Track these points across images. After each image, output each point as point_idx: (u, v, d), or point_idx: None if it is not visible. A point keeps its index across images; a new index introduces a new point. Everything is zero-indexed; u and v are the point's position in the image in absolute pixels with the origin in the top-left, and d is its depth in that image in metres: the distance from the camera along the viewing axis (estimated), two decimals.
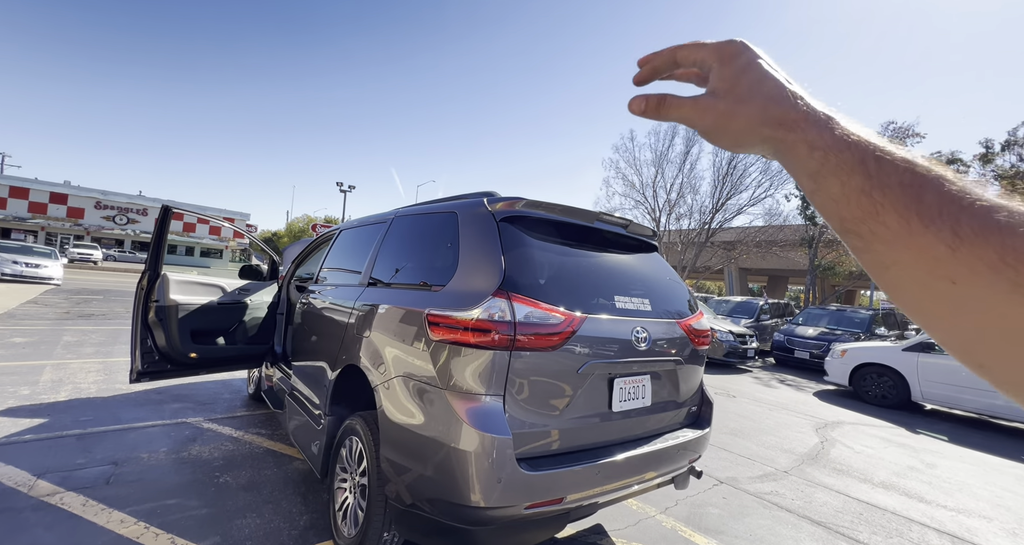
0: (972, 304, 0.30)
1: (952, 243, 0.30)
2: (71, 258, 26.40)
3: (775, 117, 0.38)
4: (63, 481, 2.63)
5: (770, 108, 0.38)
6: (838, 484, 3.74)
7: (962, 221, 0.30)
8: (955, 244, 0.30)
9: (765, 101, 0.39)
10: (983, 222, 0.30)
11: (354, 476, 2.19)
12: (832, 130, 0.36)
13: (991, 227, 0.29)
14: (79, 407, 3.86)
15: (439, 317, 1.79)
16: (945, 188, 0.32)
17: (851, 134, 0.36)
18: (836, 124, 0.37)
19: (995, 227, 0.29)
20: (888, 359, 7.37)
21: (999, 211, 0.30)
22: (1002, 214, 0.30)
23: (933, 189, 0.32)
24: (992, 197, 0.31)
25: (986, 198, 0.31)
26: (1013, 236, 0.29)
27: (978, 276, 0.29)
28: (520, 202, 2.02)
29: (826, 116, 0.37)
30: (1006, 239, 0.29)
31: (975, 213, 0.30)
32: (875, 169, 0.34)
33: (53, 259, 14.38)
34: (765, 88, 0.39)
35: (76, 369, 5.02)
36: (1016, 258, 0.28)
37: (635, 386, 2.07)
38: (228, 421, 3.90)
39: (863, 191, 0.34)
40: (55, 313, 8.73)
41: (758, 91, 0.39)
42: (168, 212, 3.31)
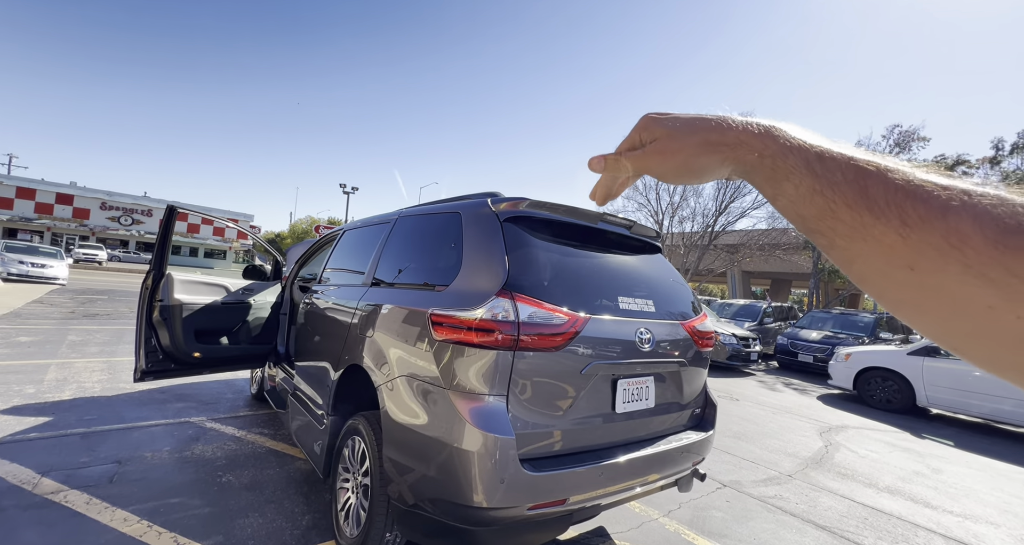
0: (932, 289, 0.31)
1: (902, 231, 0.31)
2: (76, 258, 26.58)
3: (716, 141, 0.42)
4: (67, 479, 2.64)
5: (708, 135, 0.42)
6: (843, 488, 3.71)
7: (907, 208, 0.31)
8: (904, 232, 0.31)
9: (701, 133, 0.43)
10: (927, 206, 0.30)
11: (357, 476, 2.18)
12: (775, 138, 0.39)
13: (934, 210, 0.30)
14: (83, 406, 3.88)
15: (443, 317, 1.79)
16: (889, 178, 0.33)
17: (792, 139, 0.39)
18: (777, 132, 0.40)
19: (938, 210, 0.30)
20: (893, 363, 7.32)
21: (941, 194, 0.31)
22: (943, 196, 0.30)
23: (876, 181, 0.33)
24: (935, 180, 0.32)
25: (929, 182, 0.32)
26: (956, 218, 0.29)
27: (930, 261, 0.30)
28: (524, 202, 2.02)
29: (764, 128, 0.40)
30: (949, 221, 0.29)
31: (919, 199, 0.31)
32: (820, 169, 0.36)
33: (59, 259, 14.49)
34: (695, 125, 0.44)
35: (80, 368, 5.05)
36: (959, 239, 0.29)
37: (638, 387, 2.06)
38: (231, 421, 3.91)
39: (815, 190, 0.36)
40: (60, 313, 8.79)
41: (690, 128, 0.44)
42: (173, 212, 3.33)
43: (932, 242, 0.30)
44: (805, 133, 0.39)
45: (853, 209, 0.34)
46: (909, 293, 0.32)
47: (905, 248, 0.31)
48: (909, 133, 19.19)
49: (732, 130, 0.41)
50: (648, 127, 0.46)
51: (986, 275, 0.28)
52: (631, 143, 0.48)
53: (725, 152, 0.41)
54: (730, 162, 0.42)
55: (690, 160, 0.43)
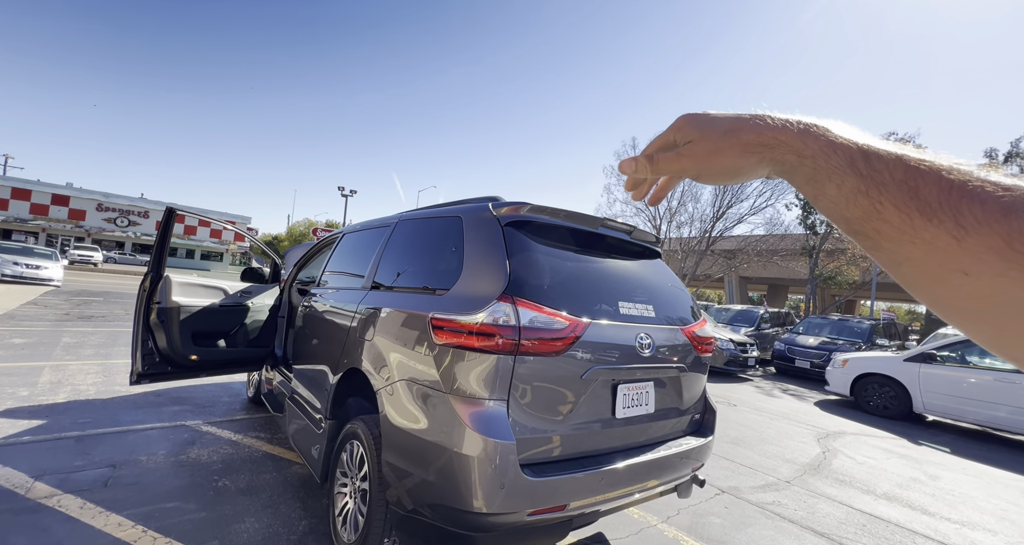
0: (989, 295, 0.29)
1: (957, 234, 0.29)
2: (71, 260, 26.42)
3: (753, 141, 0.40)
4: (61, 483, 2.61)
5: (744, 135, 0.41)
6: (841, 495, 3.71)
7: (963, 210, 0.29)
8: (960, 234, 0.29)
9: (737, 132, 0.41)
10: (986, 208, 0.28)
11: (355, 481, 2.17)
12: (816, 137, 0.37)
13: (994, 212, 0.28)
14: (78, 409, 3.84)
15: (443, 321, 1.79)
16: (942, 178, 0.31)
17: (836, 137, 0.37)
18: (819, 130, 0.38)
19: (999, 212, 0.28)
20: (889, 369, 7.34)
21: (1002, 194, 0.28)
22: (1005, 197, 0.28)
23: (929, 181, 0.31)
24: (995, 179, 0.30)
25: (988, 181, 0.30)
26: (1019, 220, 0.27)
27: (989, 265, 0.28)
28: (525, 207, 2.03)
29: (804, 125, 0.39)
30: (1012, 223, 0.27)
31: (976, 200, 0.29)
32: (866, 168, 0.34)
33: (53, 260, 14.39)
34: (730, 125, 0.42)
35: (75, 370, 5.01)
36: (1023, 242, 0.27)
37: (638, 393, 2.06)
38: (227, 424, 3.88)
39: (859, 191, 0.34)
40: (55, 314, 8.72)
41: (726, 128, 0.42)
42: (172, 214, 3.32)
43: (992, 245, 0.28)
44: (850, 130, 0.38)
45: (902, 211, 0.32)
46: (964, 299, 0.30)
47: (960, 252, 0.29)
48: (905, 141, 19.30)
49: (769, 129, 0.40)
50: (683, 128, 0.45)
51: None
52: (664, 143, 0.47)
53: (763, 152, 0.40)
54: (767, 162, 0.41)
55: (726, 161, 0.42)
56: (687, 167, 0.45)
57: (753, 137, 0.40)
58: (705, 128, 0.43)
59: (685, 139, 0.45)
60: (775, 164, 0.40)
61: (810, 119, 0.39)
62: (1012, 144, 17.10)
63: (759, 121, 0.41)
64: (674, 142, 0.46)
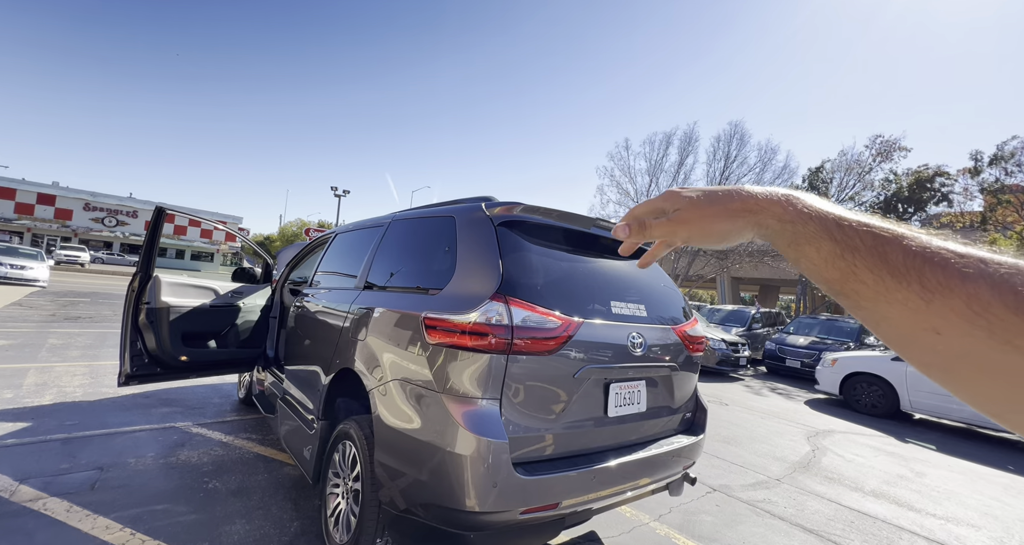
0: (959, 353, 0.31)
1: (924, 296, 0.32)
2: (58, 260, 25.96)
3: (738, 208, 0.45)
4: (46, 486, 2.57)
5: (731, 203, 0.46)
6: (830, 492, 3.76)
7: (926, 274, 0.32)
8: (927, 296, 0.32)
9: (722, 201, 0.47)
10: (946, 273, 0.31)
11: (347, 481, 2.16)
12: (795, 205, 0.42)
13: (953, 277, 0.31)
14: (64, 411, 3.78)
15: (436, 320, 1.79)
16: (905, 245, 0.34)
17: (811, 207, 0.42)
18: (796, 200, 0.43)
19: (957, 277, 0.31)
20: (877, 368, 7.45)
21: (957, 261, 0.31)
22: (959, 263, 0.31)
23: (895, 247, 0.34)
24: (951, 247, 0.33)
25: (945, 249, 0.33)
26: (975, 284, 0.30)
27: (955, 326, 0.30)
28: (518, 207, 2.04)
29: (783, 195, 0.44)
30: (968, 287, 0.30)
31: (937, 265, 0.32)
32: (840, 235, 0.38)
33: (39, 261, 14.14)
34: (715, 194, 0.48)
35: (61, 372, 4.92)
36: (981, 306, 0.29)
37: (630, 391, 2.08)
38: (218, 426, 3.84)
39: (836, 255, 0.38)
40: (40, 315, 8.57)
41: (711, 198, 0.48)
42: (162, 213, 3.28)
43: (955, 308, 0.30)
44: (822, 202, 0.42)
45: (875, 273, 0.35)
46: (937, 357, 0.32)
47: (929, 313, 0.32)
48: (891, 143, 19.69)
49: (752, 198, 0.45)
50: (672, 198, 0.50)
51: (1011, 341, 0.28)
52: (653, 208, 0.51)
53: (747, 217, 0.45)
54: (752, 226, 0.45)
55: (714, 226, 0.47)
56: (677, 231, 0.49)
57: (738, 204, 0.45)
58: (696, 198, 0.48)
59: (674, 207, 0.50)
60: (759, 228, 0.45)
61: (787, 191, 0.45)
62: (998, 147, 17.44)
63: (742, 191, 0.46)
64: (663, 210, 0.51)
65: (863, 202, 20.57)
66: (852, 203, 20.90)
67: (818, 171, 21.10)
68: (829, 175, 21.09)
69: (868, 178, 20.27)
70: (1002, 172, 17.38)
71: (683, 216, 0.48)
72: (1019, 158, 16.97)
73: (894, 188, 19.46)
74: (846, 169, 20.71)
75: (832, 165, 21.10)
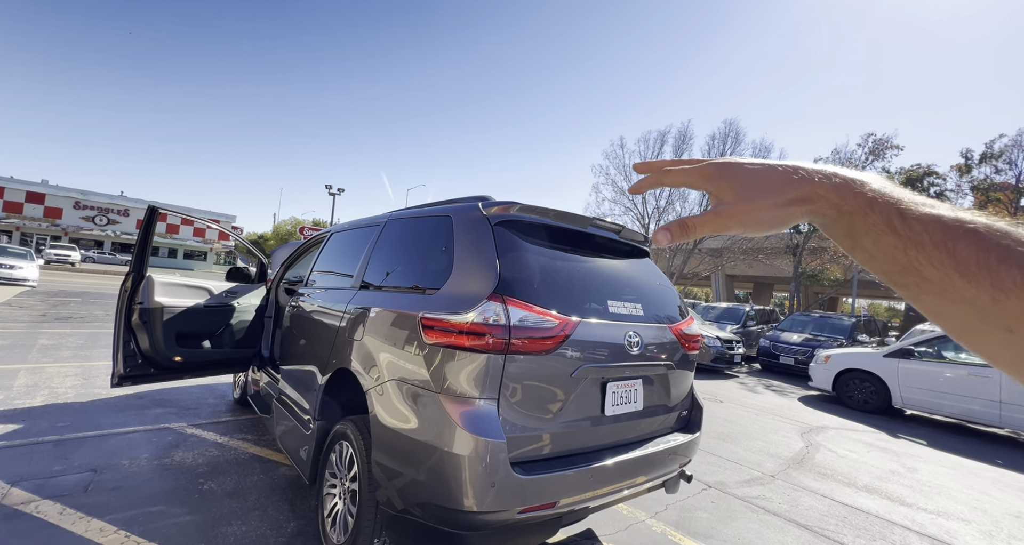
0: None
1: (994, 295, 0.30)
2: (48, 259, 25.61)
3: (795, 197, 0.40)
4: (39, 489, 2.54)
5: (784, 194, 0.40)
6: (823, 488, 3.80)
7: (1001, 274, 0.30)
8: (997, 296, 0.29)
9: (776, 192, 0.41)
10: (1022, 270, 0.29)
11: (344, 481, 2.16)
12: (854, 193, 0.38)
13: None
14: (56, 412, 3.74)
15: (433, 320, 1.78)
16: (980, 239, 0.31)
17: (873, 193, 0.37)
18: (857, 186, 0.38)
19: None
20: (870, 365, 7.54)
21: None
22: None
23: (966, 242, 0.31)
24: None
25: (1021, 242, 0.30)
26: None
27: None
28: (515, 206, 2.04)
29: (842, 179, 0.39)
30: None
31: (1014, 264, 0.29)
32: (903, 228, 0.34)
33: (28, 260, 13.94)
34: (768, 182, 0.41)
35: (53, 373, 4.87)
36: None
37: (627, 390, 2.08)
38: (213, 426, 3.82)
39: (897, 249, 0.34)
40: (30, 316, 8.46)
41: (763, 188, 0.41)
42: (155, 212, 3.25)
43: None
44: (887, 185, 0.38)
45: (940, 270, 0.32)
46: (1008, 351, 0.31)
47: (1000, 312, 0.30)
48: (883, 141, 19.86)
49: (808, 184, 0.40)
50: (715, 181, 0.44)
51: None
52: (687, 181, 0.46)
53: (803, 206, 0.40)
54: (806, 215, 0.41)
55: (767, 217, 0.42)
56: (729, 226, 0.44)
57: (793, 194, 0.40)
58: (742, 187, 0.42)
59: (719, 194, 0.44)
60: (814, 216, 0.40)
61: (847, 173, 0.40)
62: (987, 145, 17.65)
63: (796, 177, 0.40)
64: (696, 185, 0.46)
65: None
66: None
67: None
68: None
69: None
70: (992, 170, 17.60)
71: (733, 211, 0.42)
72: (1008, 156, 17.19)
73: None
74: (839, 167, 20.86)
75: (824, 163, 21.27)
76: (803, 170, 0.41)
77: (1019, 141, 17.04)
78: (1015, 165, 17.16)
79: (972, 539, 3.16)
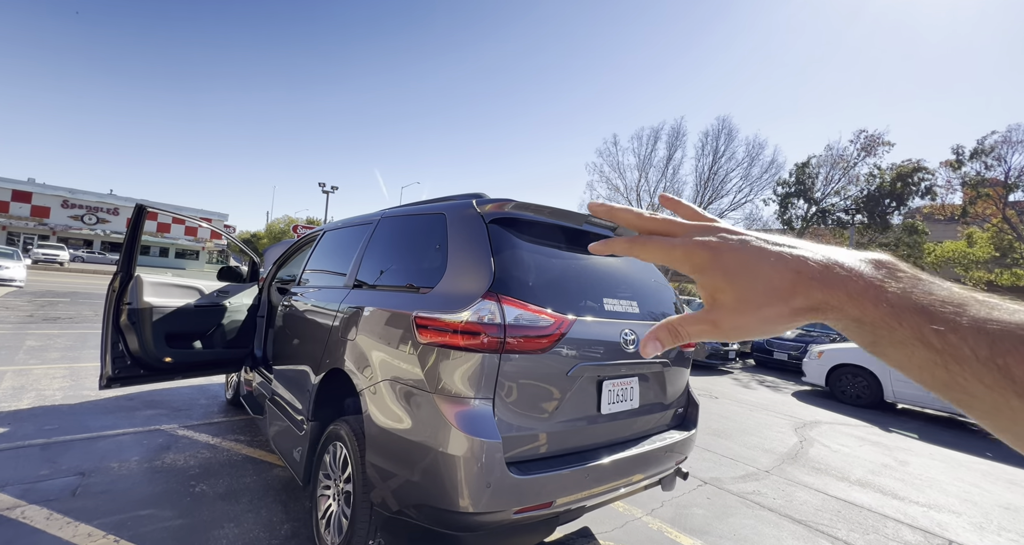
0: None
1: None
2: (35, 259, 25.20)
3: (801, 307, 0.33)
4: (25, 494, 2.49)
5: (792, 299, 0.33)
6: (817, 483, 3.83)
7: None
8: None
9: (782, 295, 0.33)
10: None
11: (338, 483, 2.13)
12: (872, 302, 0.30)
13: None
14: (43, 415, 3.67)
15: (427, 320, 1.76)
16: None
17: (902, 300, 0.30)
18: (880, 291, 0.30)
19: None
20: (862, 360, 7.61)
21: None
22: None
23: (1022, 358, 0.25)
24: None
25: None
26: None
27: None
28: (509, 204, 2.01)
29: (864, 283, 0.31)
30: None
31: None
32: (940, 343, 0.28)
33: (15, 260, 13.69)
34: (771, 282, 0.33)
35: (40, 375, 4.78)
36: None
37: (623, 388, 2.07)
38: (205, 428, 3.77)
39: (935, 363, 0.28)
40: (17, 316, 8.32)
41: (766, 287, 0.33)
42: (142, 211, 3.19)
43: None
44: (914, 282, 0.31)
45: (992, 389, 0.26)
46: None
47: None
48: (875, 137, 20.00)
49: (818, 290, 0.32)
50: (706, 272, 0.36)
51: None
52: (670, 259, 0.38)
53: (814, 316, 0.33)
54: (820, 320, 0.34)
55: (769, 329, 0.34)
56: (728, 337, 0.36)
57: (802, 303, 0.32)
58: (741, 288, 0.34)
59: (712, 292, 0.36)
60: (829, 321, 0.34)
61: (865, 270, 0.32)
62: (978, 141, 17.84)
63: (805, 276, 0.32)
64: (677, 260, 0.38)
65: (848, 196, 20.90)
66: (838, 197, 21.21)
67: (804, 166, 21.37)
68: (815, 170, 21.38)
69: (853, 173, 20.60)
70: (982, 166, 17.80)
71: (732, 322, 0.35)
72: (998, 152, 17.39)
73: (878, 182, 19.80)
74: (832, 164, 21.02)
75: (818, 160, 21.40)
76: (811, 265, 0.33)
77: (1009, 138, 17.25)
78: (1004, 161, 17.37)
79: (963, 531, 3.20)
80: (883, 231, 19.76)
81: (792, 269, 0.33)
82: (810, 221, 21.12)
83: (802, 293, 0.32)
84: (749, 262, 0.34)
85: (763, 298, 0.33)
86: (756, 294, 0.34)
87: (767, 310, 0.33)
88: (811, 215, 21.14)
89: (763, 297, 0.33)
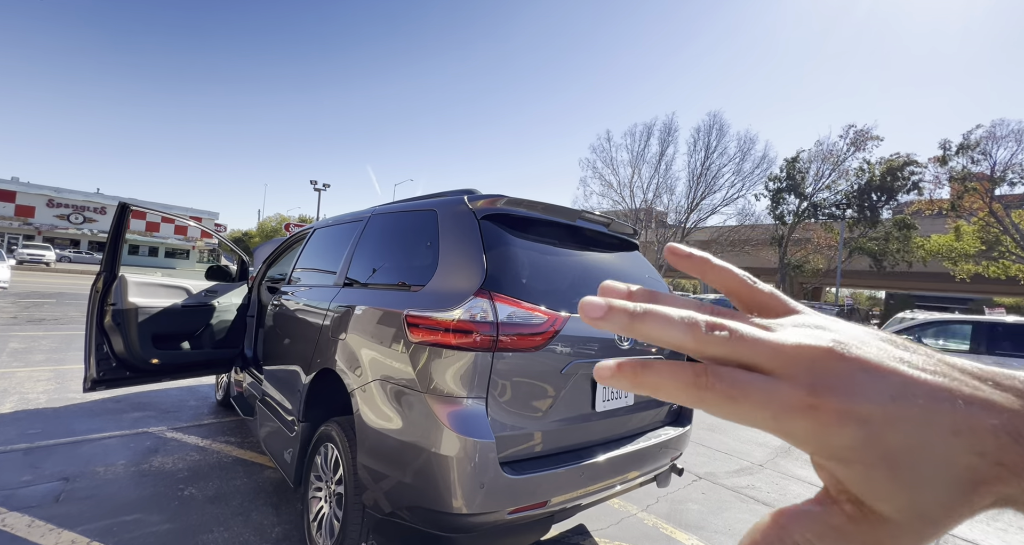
0: None
1: None
2: (20, 259, 24.73)
3: (990, 504, 0.20)
4: (6, 501, 2.43)
5: (978, 496, 0.20)
6: (810, 476, 3.85)
7: None
8: None
9: (963, 489, 0.20)
10: None
11: (330, 484, 2.10)
12: None
13: None
14: (26, 419, 3.59)
15: (419, 318, 1.72)
16: None
17: None
18: None
19: None
20: None
21: None
22: None
23: None
24: None
25: None
26: None
27: None
28: (501, 200, 1.98)
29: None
30: None
31: None
32: None
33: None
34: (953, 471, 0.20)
35: (23, 378, 4.68)
36: None
37: None
38: (194, 430, 3.71)
39: None
40: (1, 318, 8.14)
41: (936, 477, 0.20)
42: (126, 210, 3.11)
43: None
44: None
45: None
46: None
47: None
48: (863, 132, 20.17)
49: (1016, 479, 0.20)
50: (851, 459, 0.20)
51: None
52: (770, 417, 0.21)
53: (998, 507, 0.21)
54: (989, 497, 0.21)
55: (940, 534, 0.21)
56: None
57: (990, 500, 0.20)
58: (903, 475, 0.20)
59: (850, 477, 0.21)
60: (1000, 498, 0.21)
61: None
62: (964, 136, 18.06)
63: (990, 455, 0.19)
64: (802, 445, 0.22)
65: (839, 191, 21.09)
66: (828, 192, 21.39)
67: (795, 161, 21.54)
68: (805, 165, 21.55)
69: (843, 167, 20.80)
70: (969, 160, 18.03)
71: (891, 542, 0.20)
72: (984, 147, 17.63)
73: (867, 177, 20.01)
74: (822, 159, 21.20)
75: (808, 155, 21.57)
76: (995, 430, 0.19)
77: (993, 132, 17.49)
78: (990, 155, 17.62)
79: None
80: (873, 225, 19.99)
81: (969, 446, 0.19)
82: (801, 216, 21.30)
83: (989, 484, 0.19)
84: (916, 435, 0.19)
85: (936, 496, 0.19)
86: (925, 492, 0.20)
87: (948, 523, 0.20)
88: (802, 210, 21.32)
89: (935, 494, 0.19)
